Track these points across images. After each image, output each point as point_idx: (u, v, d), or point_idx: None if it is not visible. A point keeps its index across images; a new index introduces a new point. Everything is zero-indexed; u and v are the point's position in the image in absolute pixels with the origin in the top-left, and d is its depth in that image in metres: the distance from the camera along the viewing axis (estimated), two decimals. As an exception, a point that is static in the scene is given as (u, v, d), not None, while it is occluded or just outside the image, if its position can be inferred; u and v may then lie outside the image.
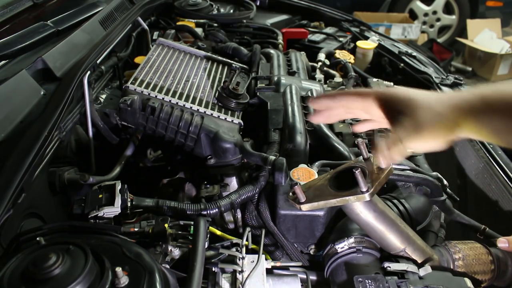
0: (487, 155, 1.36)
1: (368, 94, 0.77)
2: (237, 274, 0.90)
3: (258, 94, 1.50)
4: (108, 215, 0.99)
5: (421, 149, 0.73)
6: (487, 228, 1.14)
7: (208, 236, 0.95)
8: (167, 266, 0.90)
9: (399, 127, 0.71)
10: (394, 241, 0.89)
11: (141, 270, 0.73)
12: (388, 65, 2.19)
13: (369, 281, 0.82)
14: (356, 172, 0.77)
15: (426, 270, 0.85)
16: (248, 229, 1.00)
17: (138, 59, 1.70)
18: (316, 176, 1.07)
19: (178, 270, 0.88)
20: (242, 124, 1.36)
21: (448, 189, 1.19)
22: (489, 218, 1.33)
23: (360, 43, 2.20)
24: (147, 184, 1.35)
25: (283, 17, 2.63)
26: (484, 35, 5.02)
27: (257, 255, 0.93)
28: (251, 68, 1.72)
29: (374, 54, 2.21)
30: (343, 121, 1.50)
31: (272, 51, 1.88)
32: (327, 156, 1.21)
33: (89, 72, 1.28)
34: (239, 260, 0.92)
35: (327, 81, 1.88)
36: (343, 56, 2.06)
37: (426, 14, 5.45)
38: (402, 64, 2.08)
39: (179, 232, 1.00)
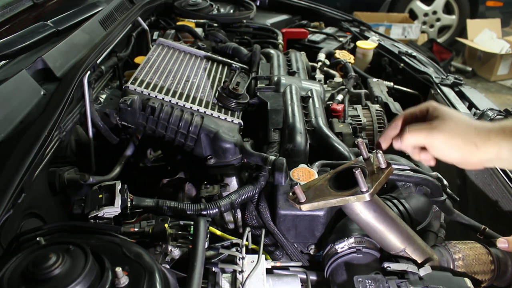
0: (487, 155, 1.36)
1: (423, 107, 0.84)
2: (237, 274, 0.90)
3: (258, 94, 1.50)
4: (108, 215, 0.99)
5: (439, 150, 0.79)
6: (487, 228, 1.14)
7: (208, 236, 0.96)
8: (167, 266, 0.90)
9: (428, 123, 0.80)
10: (394, 241, 0.89)
11: (141, 270, 0.73)
12: (388, 65, 2.19)
13: (369, 281, 0.82)
14: (356, 172, 0.77)
15: (426, 270, 0.85)
16: (248, 229, 1.00)
17: (138, 59, 1.70)
18: (316, 176, 1.07)
19: (178, 270, 0.88)
20: (242, 124, 1.36)
21: (448, 189, 1.19)
22: (489, 218, 1.33)
23: (360, 43, 2.20)
24: (147, 184, 1.35)
25: (283, 17, 2.63)
26: (484, 35, 5.02)
27: (257, 255, 0.93)
28: (251, 68, 1.72)
29: (374, 54, 2.21)
30: (343, 121, 1.51)
31: (272, 51, 1.89)
32: (327, 156, 1.21)
33: (89, 72, 1.28)
34: (239, 260, 0.92)
35: (327, 81, 1.89)
36: (343, 56, 2.06)
37: (426, 14, 5.45)
38: (402, 64, 2.08)
39: (179, 232, 1.00)
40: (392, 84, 1.95)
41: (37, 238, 0.76)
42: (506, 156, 0.74)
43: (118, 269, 0.68)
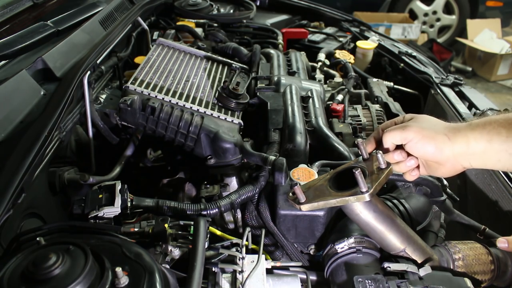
0: (487, 155, 1.36)
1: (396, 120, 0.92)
2: (237, 274, 0.90)
3: (258, 94, 1.50)
4: (108, 215, 0.99)
5: (414, 144, 0.83)
6: (487, 228, 1.14)
7: (208, 236, 0.96)
8: (167, 266, 0.90)
9: (403, 123, 0.87)
10: (394, 241, 0.89)
11: (141, 270, 0.73)
12: (388, 65, 2.19)
13: (369, 281, 0.82)
14: (356, 172, 0.77)
15: (426, 270, 0.85)
16: (248, 229, 1.00)
17: (138, 59, 1.70)
18: (316, 176, 1.07)
19: (178, 270, 0.88)
20: (242, 124, 1.36)
21: (448, 189, 1.19)
22: (489, 218, 1.33)
23: (360, 43, 2.20)
24: (147, 184, 1.35)
25: (283, 17, 2.63)
26: (484, 35, 5.01)
27: (257, 255, 0.93)
28: (251, 68, 1.72)
29: (374, 54, 2.21)
30: (343, 121, 1.51)
31: (272, 51, 1.89)
32: (327, 156, 1.21)
33: (89, 72, 1.28)
34: (239, 260, 0.92)
35: (327, 81, 1.89)
36: (343, 56, 2.06)
37: (426, 14, 5.45)
38: (402, 64, 2.08)
39: (179, 232, 1.00)
40: (392, 84, 1.95)
41: (37, 238, 0.76)
42: (474, 148, 0.79)
43: (118, 269, 0.68)
